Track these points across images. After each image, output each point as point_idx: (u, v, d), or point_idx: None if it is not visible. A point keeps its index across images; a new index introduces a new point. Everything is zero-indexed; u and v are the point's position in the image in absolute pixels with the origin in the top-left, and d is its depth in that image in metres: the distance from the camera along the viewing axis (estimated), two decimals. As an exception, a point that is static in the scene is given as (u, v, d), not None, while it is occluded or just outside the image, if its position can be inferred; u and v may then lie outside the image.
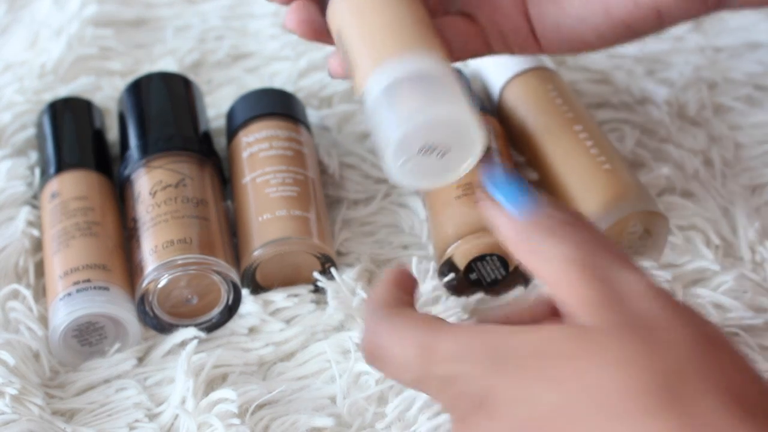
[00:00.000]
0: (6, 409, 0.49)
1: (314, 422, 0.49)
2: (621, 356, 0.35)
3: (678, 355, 0.35)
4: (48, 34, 0.70)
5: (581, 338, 0.37)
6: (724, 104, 0.67)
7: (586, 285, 0.38)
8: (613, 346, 0.36)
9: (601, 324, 0.37)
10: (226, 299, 0.54)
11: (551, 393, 0.36)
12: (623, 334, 0.36)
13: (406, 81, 0.44)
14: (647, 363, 0.35)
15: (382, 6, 0.47)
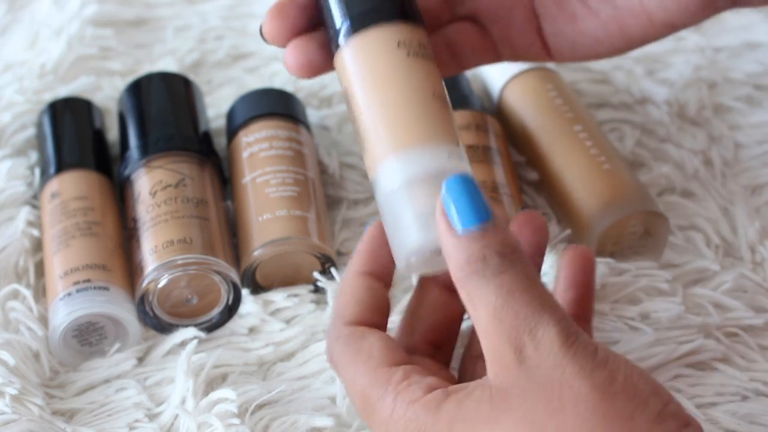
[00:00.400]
0: (6, 409, 0.49)
1: (314, 422, 0.49)
2: (523, 419, 0.38)
3: (578, 414, 0.37)
4: (48, 34, 0.70)
5: (492, 401, 0.39)
6: (724, 104, 0.67)
7: (500, 341, 0.39)
8: (516, 409, 0.38)
9: (508, 386, 0.39)
10: (226, 299, 0.54)
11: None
12: (526, 396, 0.38)
13: (427, 181, 0.43)
14: (546, 424, 0.37)
15: (400, 75, 0.45)
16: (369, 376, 0.42)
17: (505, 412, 0.39)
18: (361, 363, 0.43)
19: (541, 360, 0.38)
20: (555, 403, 0.38)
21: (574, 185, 0.56)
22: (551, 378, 0.38)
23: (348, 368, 0.44)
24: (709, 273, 0.56)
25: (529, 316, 0.39)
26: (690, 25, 0.51)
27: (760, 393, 0.51)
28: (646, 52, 0.70)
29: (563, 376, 0.38)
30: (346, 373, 0.44)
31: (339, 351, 0.44)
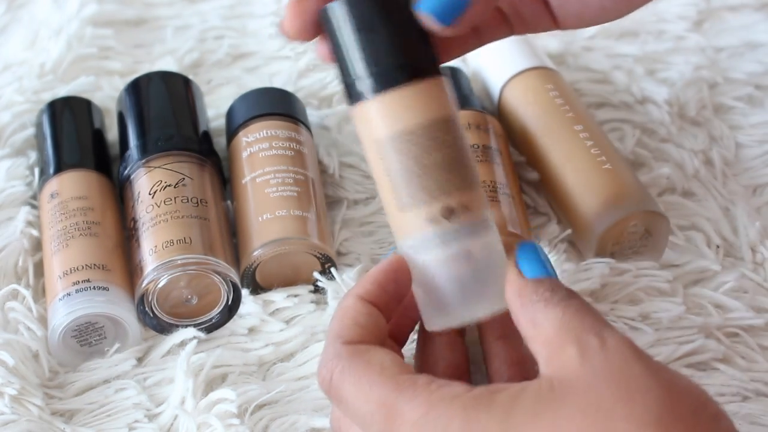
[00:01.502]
0: (5, 410, 0.49)
1: (314, 422, 0.49)
2: (589, 406, 0.37)
3: (646, 405, 0.37)
4: (47, 34, 0.70)
5: (553, 391, 0.38)
6: (725, 104, 0.67)
7: (564, 343, 0.40)
8: (582, 396, 0.38)
9: (573, 377, 0.39)
10: (226, 299, 0.54)
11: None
12: (591, 386, 0.38)
13: (461, 260, 0.44)
14: (614, 411, 0.37)
15: (432, 144, 0.44)
16: (389, 384, 0.41)
17: (568, 400, 0.38)
18: (375, 374, 0.41)
19: (608, 356, 0.39)
20: (623, 393, 0.37)
21: (575, 185, 0.56)
22: (618, 371, 0.38)
23: (359, 382, 0.42)
24: (710, 273, 0.56)
25: (595, 324, 0.40)
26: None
27: (760, 393, 0.51)
28: (646, 52, 0.70)
29: (630, 371, 0.38)
30: (356, 388, 0.42)
31: (343, 367, 0.42)
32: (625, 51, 0.70)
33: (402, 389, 0.40)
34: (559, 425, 0.37)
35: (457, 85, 0.62)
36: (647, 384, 0.38)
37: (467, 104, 0.60)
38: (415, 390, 0.40)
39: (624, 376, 0.38)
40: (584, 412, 0.37)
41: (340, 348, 0.43)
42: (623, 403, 0.37)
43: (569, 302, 0.41)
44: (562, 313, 0.40)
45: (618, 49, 0.70)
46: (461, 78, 0.63)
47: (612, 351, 0.39)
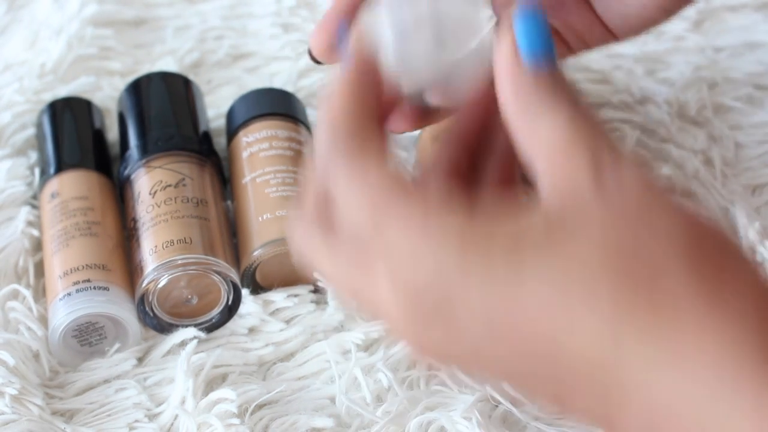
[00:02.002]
0: (6, 409, 0.49)
1: (314, 422, 0.49)
2: (606, 238, 0.34)
3: (664, 243, 0.34)
4: (48, 34, 0.70)
5: (562, 221, 0.34)
6: (725, 104, 0.67)
7: (581, 163, 0.35)
8: (599, 228, 0.34)
9: (590, 207, 0.34)
10: (226, 299, 0.54)
11: (532, 279, 0.34)
12: (611, 216, 0.34)
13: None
14: (631, 248, 0.34)
15: None
16: (385, 188, 0.36)
17: (583, 234, 0.34)
18: (373, 175, 0.37)
19: (621, 181, 0.35)
20: (644, 220, 0.34)
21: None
22: (635, 197, 0.35)
23: (355, 188, 0.37)
24: (710, 273, 0.56)
25: (611, 146, 0.35)
26: None
27: (760, 393, 0.51)
28: (646, 52, 0.70)
29: (652, 197, 0.35)
30: (354, 200, 0.37)
31: (341, 179, 0.37)
32: (625, 51, 0.70)
33: (396, 195, 0.36)
34: (575, 258, 0.34)
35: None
36: (671, 214, 0.35)
37: (467, 104, 0.60)
38: (408, 199, 0.36)
39: (646, 209, 0.35)
40: (604, 245, 0.34)
41: (336, 139, 0.38)
42: (647, 238, 0.34)
43: (578, 109, 0.36)
44: (570, 122, 0.35)
45: (618, 49, 0.70)
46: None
47: (627, 176, 0.35)
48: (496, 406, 0.50)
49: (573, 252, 0.34)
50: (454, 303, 0.35)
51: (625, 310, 0.33)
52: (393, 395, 0.50)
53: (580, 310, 0.33)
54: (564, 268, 0.34)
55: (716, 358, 0.32)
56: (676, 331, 0.32)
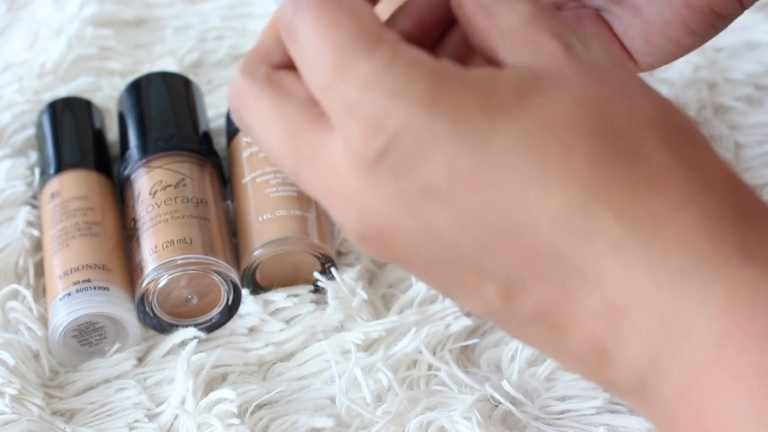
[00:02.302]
0: (6, 409, 0.49)
1: (314, 422, 0.49)
2: (582, 96, 0.32)
3: (641, 108, 0.32)
4: (48, 34, 0.70)
5: (537, 78, 0.32)
6: (724, 104, 0.67)
7: (539, 37, 0.33)
8: (574, 86, 0.32)
9: (561, 67, 0.33)
10: (226, 299, 0.54)
11: (508, 131, 0.31)
12: (586, 77, 0.33)
13: None
14: (608, 107, 0.32)
15: None
16: (354, 29, 0.33)
17: (559, 88, 0.32)
18: (342, 15, 0.33)
19: (594, 55, 0.33)
20: (621, 91, 0.32)
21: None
22: (610, 72, 0.33)
23: (319, 19, 0.33)
24: (709, 273, 0.56)
25: (571, 26, 0.34)
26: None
27: (760, 393, 0.51)
28: (646, 52, 0.70)
29: (623, 73, 0.33)
30: (315, 26, 0.33)
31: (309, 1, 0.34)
32: (624, 51, 0.70)
33: (363, 38, 0.33)
34: (551, 111, 0.31)
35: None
36: (645, 88, 0.33)
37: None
38: (377, 42, 0.33)
39: (620, 78, 0.33)
40: (580, 103, 0.32)
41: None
42: (624, 102, 0.32)
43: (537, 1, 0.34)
44: (531, 3, 0.34)
45: (618, 49, 0.70)
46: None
47: (597, 51, 0.33)
48: (496, 406, 0.50)
49: (548, 107, 0.32)
50: (419, 150, 0.31)
51: (602, 176, 0.31)
52: (393, 395, 0.50)
53: (554, 171, 0.31)
54: (539, 124, 0.31)
55: (693, 236, 0.30)
56: (654, 204, 0.30)
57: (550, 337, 0.33)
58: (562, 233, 0.31)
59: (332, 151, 0.33)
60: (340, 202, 0.33)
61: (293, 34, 0.34)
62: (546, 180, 0.31)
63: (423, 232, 0.32)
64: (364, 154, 0.32)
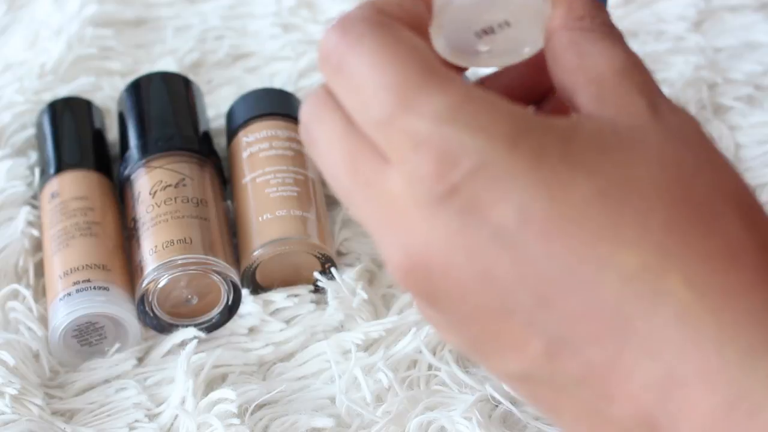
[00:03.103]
0: (6, 409, 0.49)
1: (314, 422, 0.49)
2: (665, 160, 0.31)
3: (722, 181, 0.31)
4: (48, 34, 0.70)
5: (619, 134, 0.31)
6: (724, 104, 0.67)
7: (628, 90, 0.33)
8: (659, 149, 0.31)
9: (643, 123, 0.32)
10: (226, 299, 0.54)
11: (587, 182, 0.30)
12: (671, 142, 0.32)
13: None
14: (691, 176, 0.31)
15: None
16: (418, 64, 0.32)
17: (640, 148, 0.31)
18: (404, 50, 0.32)
19: (681, 120, 0.32)
20: (705, 162, 0.31)
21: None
22: (695, 140, 0.32)
23: (378, 52, 0.32)
24: (710, 273, 0.56)
25: (659, 89, 0.33)
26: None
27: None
28: (646, 52, 0.70)
29: (708, 144, 0.32)
30: (372, 58, 0.32)
31: (363, 31, 0.32)
32: (624, 51, 0.70)
33: (433, 75, 0.31)
34: (633, 170, 0.30)
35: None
36: (726, 161, 0.32)
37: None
38: (448, 80, 0.31)
39: (703, 147, 0.32)
40: (664, 167, 0.31)
41: (370, 12, 0.33)
42: (707, 172, 0.31)
43: (630, 50, 0.34)
44: (625, 55, 0.33)
45: (618, 50, 0.70)
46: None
47: (684, 119, 0.32)
48: (496, 406, 0.50)
49: (630, 166, 0.30)
50: (493, 189, 0.30)
51: (678, 244, 0.29)
52: (393, 395, 0.50)
53: (630, 230, 0.30)
54: (619, 181, 0.30)
55: (765, 316, 0.29)
56: (728, 278, 0.29)
57: (592, 403, 0.31)
58: (629, 294, 0.29)
59: (391, 184, 0.32)
60: (391, 235, 0.32)
61: (341, 65, 0.32)
62: (621, 238, 0.30)
63: (478, 276, 0.30)
64: (433, 189, 0.31)
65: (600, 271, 0.29)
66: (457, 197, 0.30)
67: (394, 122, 0.31)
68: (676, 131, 0.32)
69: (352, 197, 0.33)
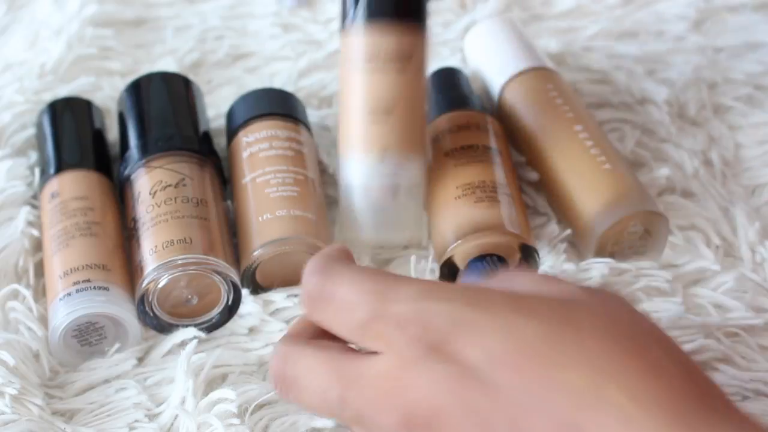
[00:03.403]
0: (6, 409, 0.49)
1: (314, 423, 0.49)
2: (591, 305, 0.39)
3: (638, 316, 0.40)
4: (48, 34, 0.70)
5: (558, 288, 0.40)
6: (724, 104, 0.67)
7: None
8: (586, 298, 0.39)
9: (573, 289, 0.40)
10: (226, 299, 0.54)
11: (533, 323, 0.38)
12: (592, 294, 0.40)
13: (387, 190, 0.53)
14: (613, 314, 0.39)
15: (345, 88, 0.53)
16: (386, 276, 0.41)
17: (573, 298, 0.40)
18: (370, 271, 0.41)
19: (603, 292, 0.41)
20: (625, 307, 0.40)
21: (575, 185, 0.56)
22: (615, 296, 0.41)
23: (355, 276, 0.41)
24: (709, 273, 0.56)
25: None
26: None
27: (760, 393, 0.51)
28: (646, 52, 0.70)
29: (624, 299, 0.41)
30: (351, 280, 0.41)
31: (339, 271, 0.41)
32: (625, 51, 0.70)
33: (397, 277, 0.41)
34: (567, 313, 0.38)
35: (457, 85, 0.62)
36: (642, 313, 0.40)
37: (467, 104, 0.60)
38: (410, 279, 0.40)
39: (623, 302, 0.40)
40: (591, 311, 0.39)
41: (334, 256, 0.43)
42: (627, 314, 0.39)
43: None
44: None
45: (618, 49, 0.70)
46: (461, 78, 0.63)
47: (608, 294, 0.41)
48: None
49: (564, 308, 0.39)
50: (465, 340, 0.38)
51: (613, 362, 0.36)
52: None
53: (573, 354, 0.37)
54: (558, 319, 0.38)
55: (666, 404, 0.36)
56: (658, 387, 0.36)
57: None
58: (579, 405, 0.36)
59: (379, 366, 0.39)
60: (388, 404, 0.39)
61: (327, 296, 0.41)
62: (566, 362, 0.36)
63: (462, 409, 0.37)
64: (419, 351, 0.38)
65: (554, 390, 0.36)
66: (440, 351, 0.38)
67: (377, 316, 0.39)
68: (599, 293, 0.40)
69: (345, 395, 0.40)
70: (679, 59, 0.69)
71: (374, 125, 0.53)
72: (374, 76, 0.52)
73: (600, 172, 0.56)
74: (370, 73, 0.52)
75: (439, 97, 0.62)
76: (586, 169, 0.56)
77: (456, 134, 0.58)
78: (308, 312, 0.42)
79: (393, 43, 0.52)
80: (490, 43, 0.65)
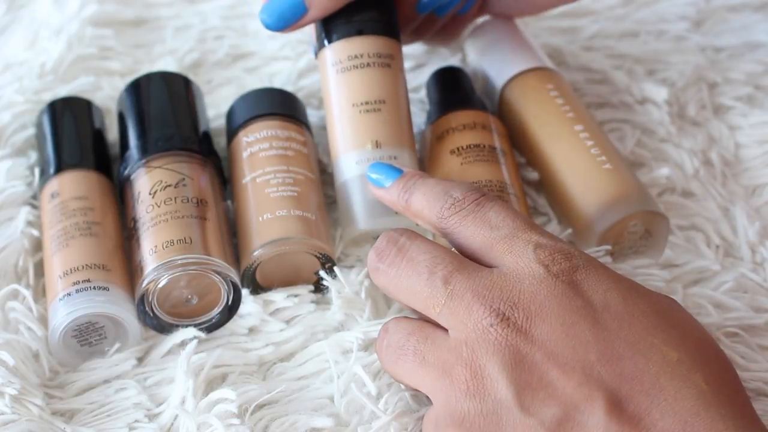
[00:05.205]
0: (6, 409, 0.49)
1: (314, 422, 0.49)
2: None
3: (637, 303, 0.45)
4: (48, 34, 0.70)
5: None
6: (724, 104, 0.67)
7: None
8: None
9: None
10: (226, 299, 0.54)
11: (644, 301, 0.44)
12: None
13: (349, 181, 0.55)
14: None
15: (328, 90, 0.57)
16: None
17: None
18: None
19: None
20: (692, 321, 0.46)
21: (575, 185, 0.56)
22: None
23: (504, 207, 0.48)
24: (709, 273, 0.56)
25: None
26: None
27: (760, 393, 0.51)
28: (646, 52, 0.70)
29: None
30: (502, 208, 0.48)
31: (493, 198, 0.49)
32: (625, 51, 0.70)
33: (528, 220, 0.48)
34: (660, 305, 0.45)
35: (458, 85, 0.62)
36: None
37: (469, 104, 0.60)
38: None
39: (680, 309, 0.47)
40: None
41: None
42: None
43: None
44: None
45: (618, 49, 0.70)
46: (462, 78, 0.63)
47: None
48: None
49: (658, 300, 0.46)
50: (588, 278, 0.45)
51: (702, 355, 0.44)
52: (395, 392, 0.50)
53: (675, 336, 0.44)
54: (660, 307, 0.45)
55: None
56: (723, 387, 0.42)
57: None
58: (667, 373, 0.42)
59: (500, 270, 0.46)
60: (493, 295, 0.45)
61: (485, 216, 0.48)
62: (667, 339, 0.43)
63: (564, 326, 0.43)
64: (551, 268, 0.45)
65: (650, 351, 0.42)
66: (568, 276, 0.44)
67: (517, 234, 0.46)
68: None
69: (447, 283, 0.46)
70: (679, 59, 0.69)
71: (365, 118, 0.55)
72: (361, 70, 0.56)
73: (600, 172, 0.56)
74: (354, 69, 0.56)
75: (443, 96, 0.62)
76: (586, 168, 0.56)
77: (462, 133, 0.58)
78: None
79: (376, 44, 0.57)
80: (491, 43, 0.65)
